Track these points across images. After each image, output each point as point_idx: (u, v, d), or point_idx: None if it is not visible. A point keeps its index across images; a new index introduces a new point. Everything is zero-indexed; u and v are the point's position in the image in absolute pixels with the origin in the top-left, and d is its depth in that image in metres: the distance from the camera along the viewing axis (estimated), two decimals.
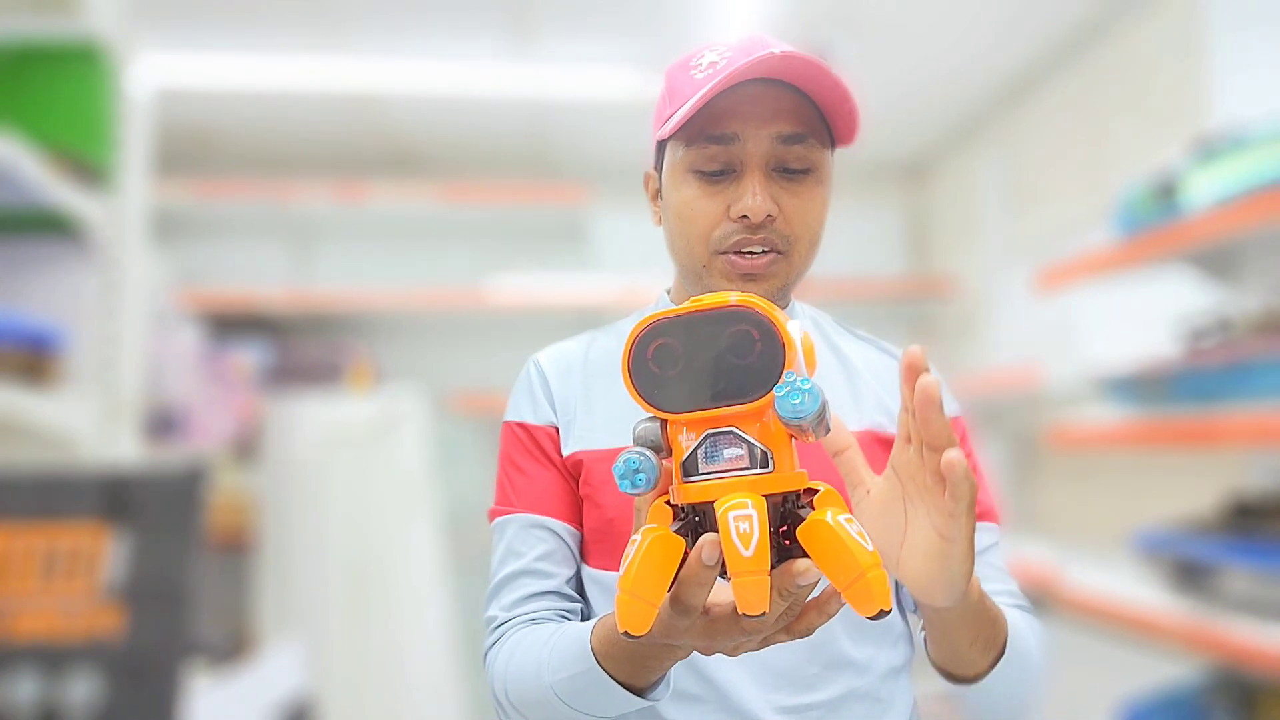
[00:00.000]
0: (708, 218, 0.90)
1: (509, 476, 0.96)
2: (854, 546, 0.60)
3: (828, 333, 1.01)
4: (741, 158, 0.89)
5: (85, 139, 1.84)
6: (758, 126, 0.88)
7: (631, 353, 0.65)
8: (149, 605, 0.90)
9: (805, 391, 0.61)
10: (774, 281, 0.91)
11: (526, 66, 3.36)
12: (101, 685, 0.87)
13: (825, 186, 0.93)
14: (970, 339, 3.98)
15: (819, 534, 0.61)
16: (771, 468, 0.63)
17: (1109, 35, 3.02)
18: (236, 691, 1.49)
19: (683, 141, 0.91)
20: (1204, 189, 2.00)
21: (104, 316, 1.86)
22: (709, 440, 0.64)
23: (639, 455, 0.65)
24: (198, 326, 2.81)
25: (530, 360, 1.00)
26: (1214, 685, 2.14)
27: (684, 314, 0.65)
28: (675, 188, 0.92)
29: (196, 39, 3.13)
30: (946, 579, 0.68)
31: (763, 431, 0.63)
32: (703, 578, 0.61)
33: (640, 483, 0.64)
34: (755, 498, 0.60)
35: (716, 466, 0.63)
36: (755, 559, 0.58)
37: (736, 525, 0.58)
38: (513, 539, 0.93)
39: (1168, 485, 2.72)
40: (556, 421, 0.95)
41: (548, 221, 4.25)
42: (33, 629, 0.90)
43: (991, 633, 0.80)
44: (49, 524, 0.93)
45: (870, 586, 0.59)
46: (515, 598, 0.91)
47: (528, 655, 0.84)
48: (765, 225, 0.89)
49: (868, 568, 0.59)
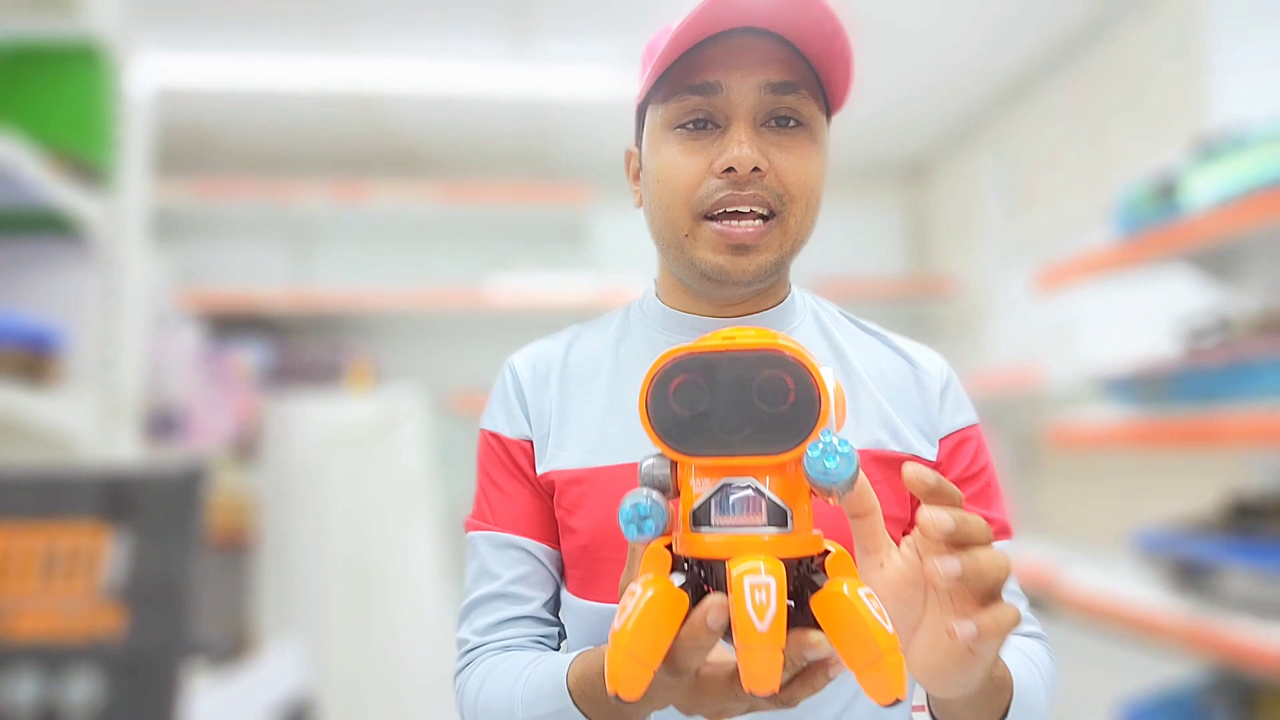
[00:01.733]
0: (689, 175, 0.81)
1: (484, 490, 0.90)
2: (874, 627, 0.54)
3: (828, 327, 0.91)
4: (726, 110, 0.81)
5: (85, 139, 1.84)
6: (744, 75, 0.80)
7: (651, 388, 0.59)
8: (149, 605, 0.90)
9: (842, 455, 0.56)
10: (767, 255, 0.82)
11: (526, 66, 3.36)
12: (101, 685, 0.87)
13: (821, 149, 0.84)
14: (970, 339, 3.98)
15: (837, 608, 0.55)
16: (790, 528, 0.57)
17: (1109, 35, 3.02)
18: (236, 691, 1.49)
19: (662, 99, 0.83)
20: (1204, 189, 1.99)
21: (104, 316, 1.85)
22: (724, 489, 0.58)
23: (648, 501, 0.58)
24: (198, 326, 2.81)
25: (507, 363, 0.93)
26: (1214, 685, 2.14)
27: (713, 350, 0.58)
28: (655, 150, 0.84)
29: (196, 39, 3.13)
30: (962, 682, 0.62)
31: (782, 485, 0.58)
32: (704, 642, 0.55)
33: (648, 530, 0.58)
34: (773, 563, 0.54)
35: (731, 520, 0.57)
36: (771, 634, 0.52)
37: (753, 594, 0.53)
38: (487, 558, 0.87)
39: (1168, 485, 2.72)
40: (531, 435, 0.88)
41: (547, 221, 4.25)
42: (32, 629, 0.90)
43: (996, 701, 0.73)
44: (49, 524, 0.93)
45: (888, 672, 0.54)
46: (488, 622, 0.86)
47: (499, 686, 0.80)
48: (754, 180, 0.80)
49: (886, 651, 0.54)
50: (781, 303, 0.90)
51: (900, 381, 0.88)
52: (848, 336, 0.91)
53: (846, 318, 0.94)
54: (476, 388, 4.02)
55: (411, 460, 3.12)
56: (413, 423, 3.16)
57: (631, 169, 0.92)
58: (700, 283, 0.85)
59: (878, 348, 0.91)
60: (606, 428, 0.86)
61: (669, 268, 0.90)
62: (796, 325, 0.90)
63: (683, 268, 0.85)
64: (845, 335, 0.91)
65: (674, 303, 0.90)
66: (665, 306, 0.91)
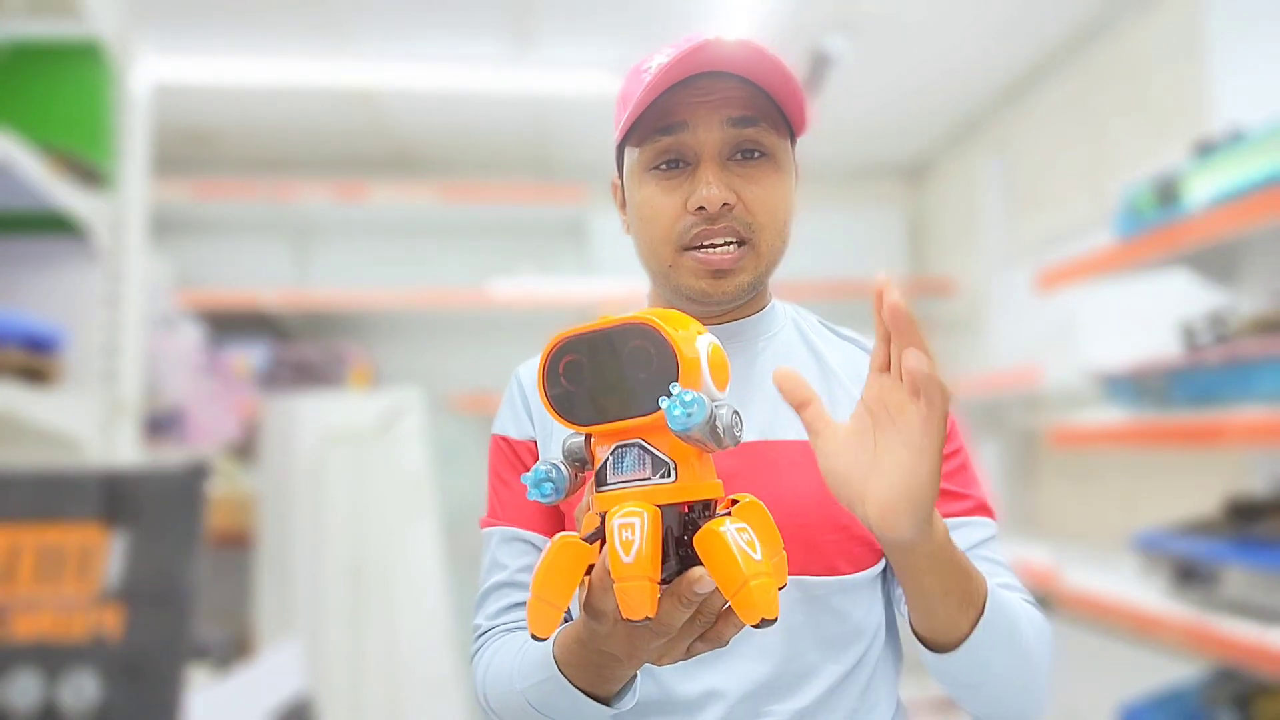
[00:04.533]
0: (667, 214, 0.89)
1: (494, 489, 0.98)
2: (740, 555, 0.61)
3: (807, 333, 0.99)
4: (695, 147, 0.88)
5: (85, 139, 1.84)
6: (707, 113, 0.88)
7: (545, 368, 0.68)
8: (149, 605, 0.90)
9: (687, 404, 0.61)
10: (743, 276, 0.90)
11: (526, 66, 3.36)
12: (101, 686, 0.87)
13: (785, 175, 0.92)
14: (970, 339, 3.98)
15: (710, 543, 0.62)
16: (674, 478, 0.64)
17: (1109, 35, 3.02)
18: (236, 692, 1.49)
19: (636, 142, 0.91)
20: (1204, 189, 1.99)
21: (104, 316, 1.86)
22: (616, 452, 0.66)
23: (548, 466, 0.68)
24: (198, 326, 2.81)
25: (514, 374, 1.02)
26: (1214, 685, 2.14)
27: (590, 331, 0.67)
28: (635, 189, 0.93)
29: (196, 39, 3.13)
30: (912, 498, 0.68)
31: (671, 444, 0.64)
32: (607, 584, 0.63)
33: (547, 491, 0.67)
34: (648, 507, 0.62)
35: (622, 477, 0.65)
36: (635, 565, 0.60)
37: (620, 533, 0.61)
38: (497, 551, 0.96)
39: (1168, 485, 2.72)
40: (535, 436, 0.97)
41: (548, 221, 4.25)
42: (32, 629, 0.90)
43: (967, 586, 0.76)
44: (49, 524, 0.93)
45: (752, 594, 0.60)
46: (497, 607, 0.94)
47: (503, 662, 0.87)
48: (724, 214, 0.88)
49: (751, 576, 0.60)
50: (760, 311, 0.98)
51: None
52: (825, 341, 1.00)
53: (825, 326, 1.03)
54: (476, 387, 4.02)
55: (411, 460, 3.12)
56: (413, 423, 3.16)
57: (618, 199, 1.00)
58: (685, 304, 0.94)
59: (853, 350, 0.99)
60: None
61: (655, 288, 0.99)
62: (776, 331, 0.98)
63: (669, 291, 0.94)
64: (823, 340, 1.00)
65: None
66: None
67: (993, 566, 0.90)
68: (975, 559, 0.88)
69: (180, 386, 2.53)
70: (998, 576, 0.90)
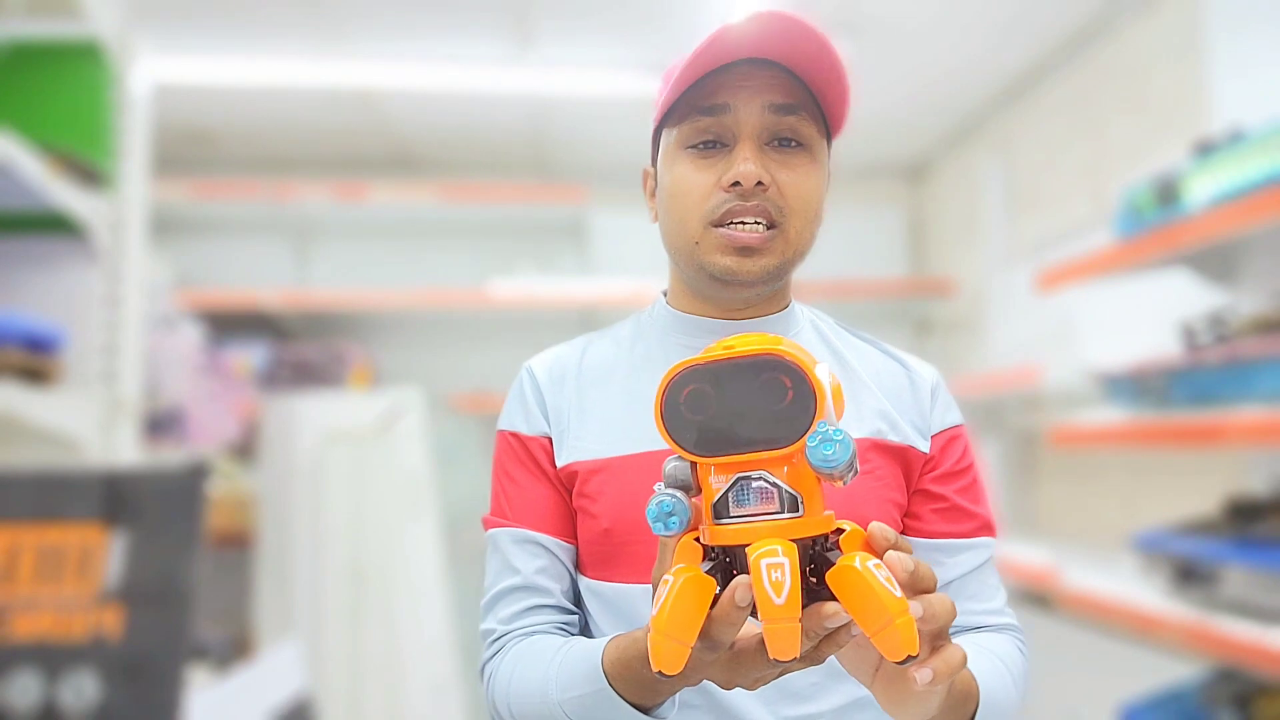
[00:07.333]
0: (700, 189, 0.89)
1: (503, 487, 0.95)
2: (883, 594, 0.61)
3: (828, 336, 0.99)
4: (734, 129, 0.88)
5: (85, 139, 1.84)
6: (749, 97, 0.88)
7: (664, 398, 0.66)
8: (149, 605, 0.90)
9: (837, 442, 0.61)
10: (770, 258, 0.89)
11: (527, 66, 3.36)
12: (101, 685, 0.87)
13: (820, 168, 0.91)
14: (970, 339, 3.98)
15: (848, 580, 0.62)
16: (801, 512, 0.64)
17: (1109, 35, 3.02)
18: (236, 692, 1.49)
19: (676, 121, 0.91)
20: (1204, 189, 1.99)
21: (104, 316, 1.86)
22: (739, 483, 0.64)
23: (672, 499, 0.65)
24: (198, 326, 2.81)
25: (524, 367, 0.99)
26: (1214, 685, 2.14)
27: (717, 360, 0.65)
28: (669, 168, 0.92)
29: (196, 39, 3.13)
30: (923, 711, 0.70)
31: (792, 474, 0.64)
32: (734, 618, 0.62)
33: (674, 525, 0.65)
34: (786, 544, 0.61)
35: (747, 510, 0.64)
36: (787, 606, 0.59)
37: (769, 573, 0.60)
38: (508, 552, 0.93)
39: (1168, 485, 2.72)
40: (549, 431, 0.94)
41: (548, 221, 4.25)
42: (32, 629, 0.90)
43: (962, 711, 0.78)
44: (49, 524, 0.93)
45: (899, 633, 0.60)
46: (513, 611, 0.91)
47: (532, 670, 0.84)
48: (757, 193, 0.87)
49: (896, 614, 0.60)
50: (782, 310, 0.98)
51: (895, 383, 0.96)
52: (845, 343, 0.99)
53: (843, 328, 1.02)
54: (477, 388, 4.02)
55: (411, 460, 3.12)
56: (413, 423, 3.16)
57: (648, 188, 0.99)
58: (709, 285, 0.92)
59: (873, 353, 0.99)
60: (625, 420, 0.92)
61: (680, 274, 0.97)
62: (797, 332, 0.98)
63: (694, 271, 0.92)
64: (843, 341, 0.99)
65: (684, 307, 0.98)
66: (675, 311, 0.98)
67: (986, 589, 0.93)
68: (971, 582, 0.92)
69: (180, 386, 2.53)
70: (990, 601, 0.93)
